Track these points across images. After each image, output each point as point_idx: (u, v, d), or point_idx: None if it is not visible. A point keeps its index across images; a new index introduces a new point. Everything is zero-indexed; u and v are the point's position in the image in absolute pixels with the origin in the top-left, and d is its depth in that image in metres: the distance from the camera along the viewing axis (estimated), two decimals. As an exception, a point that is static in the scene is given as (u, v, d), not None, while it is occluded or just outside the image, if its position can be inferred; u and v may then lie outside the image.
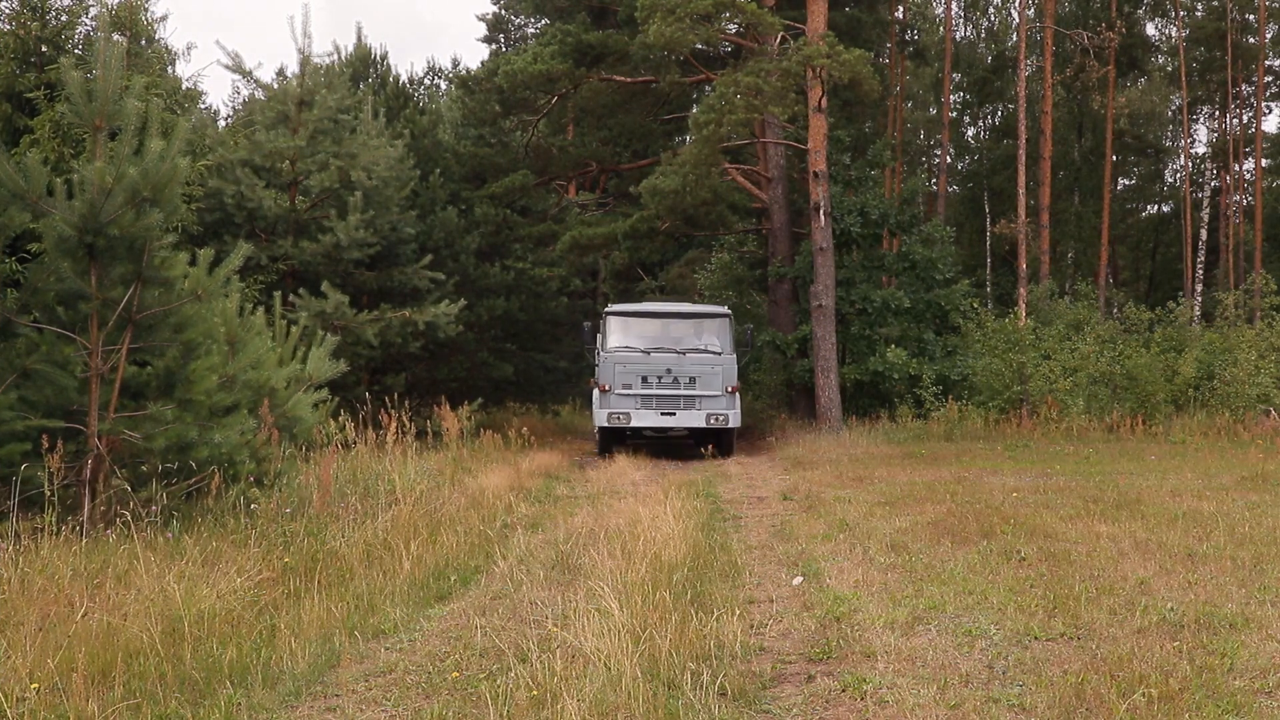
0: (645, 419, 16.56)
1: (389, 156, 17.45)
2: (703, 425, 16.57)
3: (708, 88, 21.77)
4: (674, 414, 16.53)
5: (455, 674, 4.69)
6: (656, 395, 16.48)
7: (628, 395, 16.42)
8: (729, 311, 17.85)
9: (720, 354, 16.87)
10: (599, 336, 17.37)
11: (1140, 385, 19.81)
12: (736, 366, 17.05)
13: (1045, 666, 4.68)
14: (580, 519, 9.27)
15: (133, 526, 6.59)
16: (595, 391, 16.97)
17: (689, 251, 30.90)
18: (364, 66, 24.03)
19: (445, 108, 27.42)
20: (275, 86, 18.03)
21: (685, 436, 18.31)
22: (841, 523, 8.90)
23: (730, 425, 16.67)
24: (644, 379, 16.50)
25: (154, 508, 6.96)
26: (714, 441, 17.18)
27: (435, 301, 18.06)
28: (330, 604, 5.73)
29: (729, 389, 16.65)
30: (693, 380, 16.50)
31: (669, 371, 16.52)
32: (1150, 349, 21.21)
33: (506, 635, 5.23)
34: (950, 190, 38.76)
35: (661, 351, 16.80)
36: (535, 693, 4.23)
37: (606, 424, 16.56)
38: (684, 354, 16.79)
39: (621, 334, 17.10)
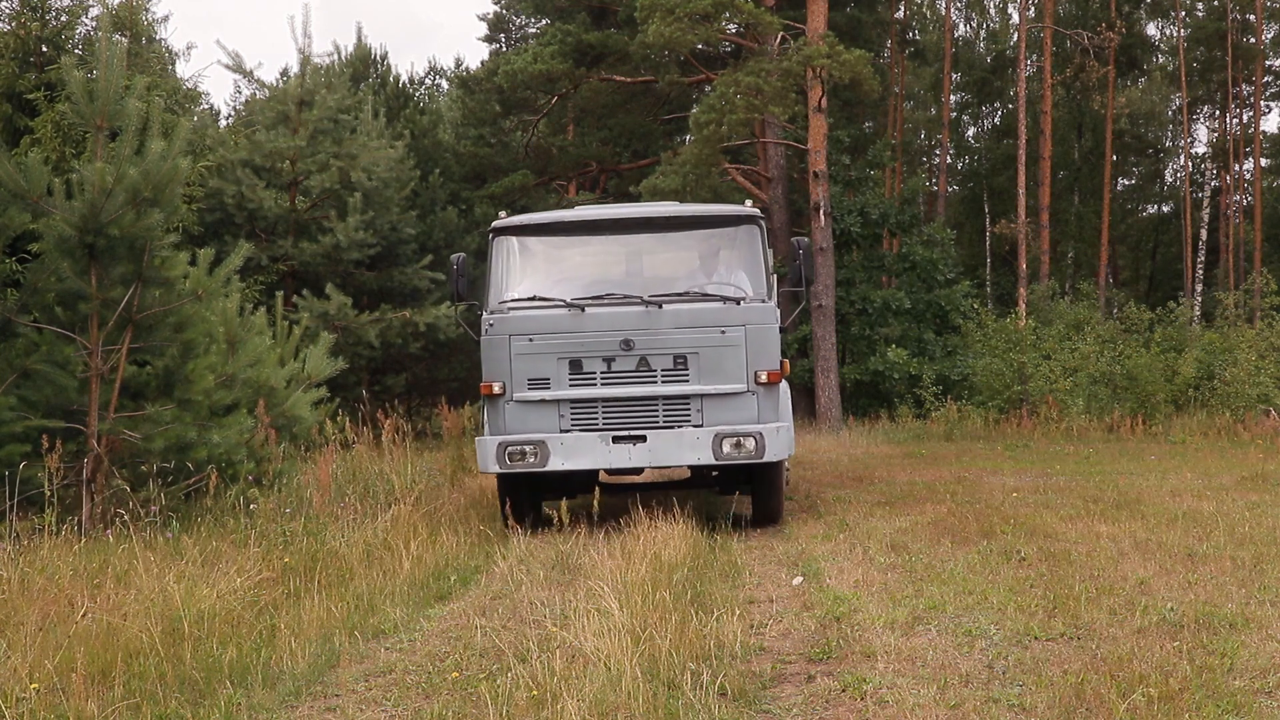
0: (580, 454, 8.11)
1: (389, 157, 17.48)
2: (709, 460, 8.11)
3: (708, 88, 21.77)
4: (642, 438, 8.09)
5: (455, 674, 4.69)
6: (603, 400, 8.17)
7: (541, 404, 8.21)
8: (758, 212, 8.67)
9: (741, 300, 8.27)
10: (486, 282, 8.60)
11: (1140, 385, 19.79)
12: (779, 327, 8.58)
13: (1045, 666, 4.68)
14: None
15: (132, 526, 6.60)
16: (483, 401, 8.63)
17: (689, 251, 30.81)
18: (364, 66, 24.08)
19: (445, 108, 27.50)
20: (276, 86, 18.08)
21: (680, 481, 9.96)
22: (841, 523, 8.90)
23: (768, 457, 8.10)
24: (575, 365, 8.17)
25: (153, 508, 6.98)
26: (744, 485, 9.07)
27: (435, 302, 18.07)
28: (330, 604, 5.73)
29: (762, 376, 8.14)
30: (680, 362, 8.12)
31: (628, 345, 8.09)
32: (1150, 349, 21.19)
33: (506, 635, 5.23)
34: (950, 190, 38.76)
35: (609, 305, 8.24)
36: (535, 693, 4.22)
37: (499, 468, 8.17)
38: (658, 305, 8.17)
39: (527, 271, 8.65)
